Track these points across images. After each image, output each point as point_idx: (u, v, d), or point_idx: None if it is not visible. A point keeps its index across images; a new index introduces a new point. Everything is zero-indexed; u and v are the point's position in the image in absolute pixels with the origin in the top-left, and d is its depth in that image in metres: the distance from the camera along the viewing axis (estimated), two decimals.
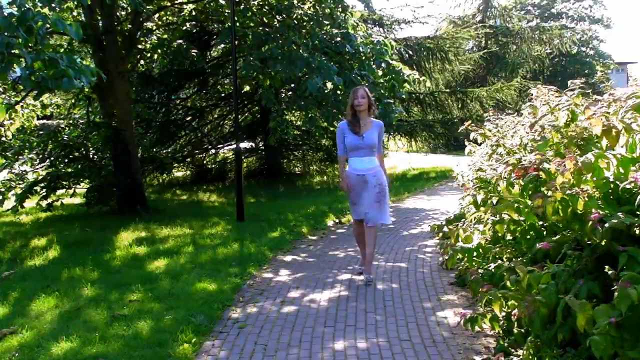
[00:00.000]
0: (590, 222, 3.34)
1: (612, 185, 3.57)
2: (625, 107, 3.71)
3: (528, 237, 4.33)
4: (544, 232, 4.24)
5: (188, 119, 18.92)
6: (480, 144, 7.09)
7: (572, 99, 4.53)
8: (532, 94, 5.44)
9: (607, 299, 3.20)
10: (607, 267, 3.35)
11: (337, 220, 10.05)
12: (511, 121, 6.97)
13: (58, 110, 14.37)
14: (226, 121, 19.77)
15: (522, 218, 4.18)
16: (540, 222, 4.22)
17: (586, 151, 3.78)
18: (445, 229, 7.49)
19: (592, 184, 3.57)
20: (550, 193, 3.58)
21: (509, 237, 4.63)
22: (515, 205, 4.01)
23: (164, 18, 13.89)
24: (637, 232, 3.27)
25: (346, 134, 5.97)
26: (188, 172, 19.74)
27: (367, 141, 5.90)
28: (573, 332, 3.37)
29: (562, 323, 3.37)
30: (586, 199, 3.47)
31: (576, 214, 3.48)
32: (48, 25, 6.56)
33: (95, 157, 12.03)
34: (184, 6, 13.45)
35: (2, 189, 11.30)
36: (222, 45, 16.41)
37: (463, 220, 5.77)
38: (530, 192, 3.92)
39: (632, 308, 2.96)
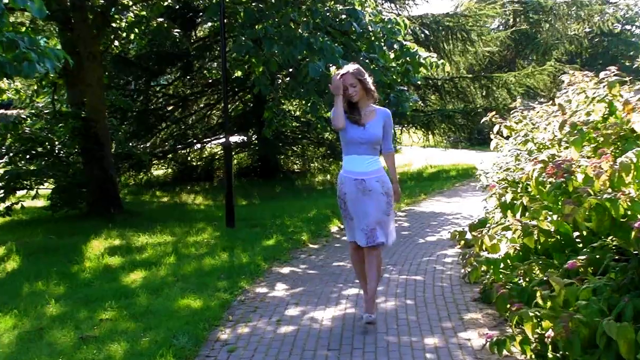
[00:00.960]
0: (635, 230, 3.31)
1: None
2: None
3: (561, 249, 4.32)
4: (580, 245, 4.22)
5: (170, 108, 18.95)
6: (508, 137, 7.07)
7: (609, 90, 4.51)
8: (563, 81, 5.42)
9: None
10: None
11: (342, 226, 10.03)
12: (544, 111, 6.96)
13: (18, 97, 14.34)
14: (214, 111, 19.80)
15: (553, 228, 4.16)
16: (577, 232, 4.20)
17: (625, 150, 3.75)
18: (468, 236, 7.48)
19: (636, 187, 3.54)
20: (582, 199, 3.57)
21: (539, 249, 4.62)
22: (544, 212, 3.99)
23: None
24: None
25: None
26: (170, 170, 19.79)
27: (371, 134, 5.12)
28: (619, 357, 3.33)
29: (605, 347, 3.34)
30: (628, 203, 3.44)
31: (617, 221, 3.46)
32: (6, 1, 6.54)
33: (62, 152, 12.03)
34: None
35: None
36: (209, 24, 16.41)
37: (488, 225, 5.75)
38: (559, 198, 3.91)
39: None
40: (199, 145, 19.70)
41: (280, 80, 13.47)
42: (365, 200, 5.11)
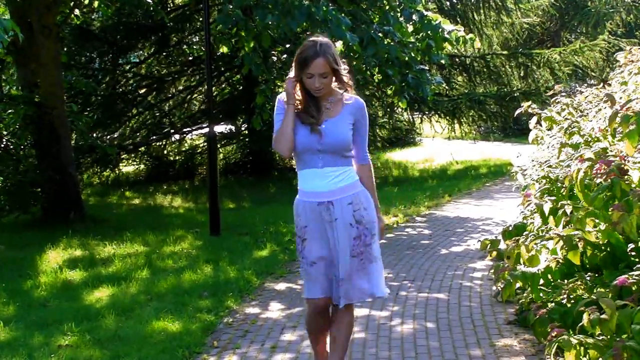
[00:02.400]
0: None
1: None
2: None
3: (613, 264, 4.35)
4: (637, 259, 4.25)
5: (142, 91, 18.98)
6: (550, 129, 7.10)
7: None
8: (618, 61, 5.44)
9: None
10: None
11: None
12: (594, 95, 6.98)
13: None
14: (195, 95, 19.84)
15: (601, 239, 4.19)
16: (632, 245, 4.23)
17: None
18: (502, 245, 7.49)
19: None
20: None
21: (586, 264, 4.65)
22: (591, 220, 4.01)
23: None
24: None
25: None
26: (142, 167, 19.81)
27: (332, 138, 4.11)
28: None
29: None
30: None
31: None
32: None
33: (11, 144, 12.05)
34: None
35: None
36: None
37: (526, 233, 5.78)
38: (609, 203, 3.93)
39: None
40: (177, 137, 19.72)
41: (275, 59, 13.50)
42: (327, 232, 4.17)
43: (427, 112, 21.37)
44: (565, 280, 4.84)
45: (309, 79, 4.04)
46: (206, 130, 14.59)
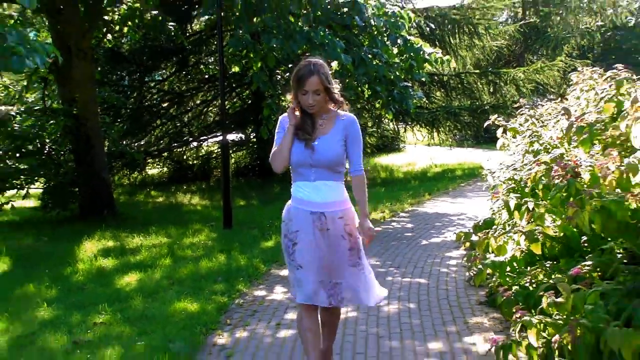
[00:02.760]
0: None
1: None
2: None
3: (569, 254, 4.36)
4: (589, 249, 4.26)
5: (165, 105, 18.97)
6: (515, 136, 7.11)
7: (617, 89, 4.56)
8: (572, 80, 5.46)
9: None
10: None
11: None
12: (553, 108, 6.99)
13: (7, 93, 14.39)
14: (210, 108, 19.82)
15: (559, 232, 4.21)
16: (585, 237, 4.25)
17: (634, 150, 3.80)
18: (474, 237, 7.51)
19: None
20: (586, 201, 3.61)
21: (546, 253, 4.67)
22: (550, 216, 4.03)
23: None
24: None
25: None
26: (165, 170, 19.81)
27: (324, 154, 3.87)
28: None
29: (612, 353, 3.39)
30: (638, 204, 3.48)
31: (626, 223, 3.50)
32: None
33: (53, 151, 12.07)
34: None
35: None
36: (206, 17, 16.41)
37: (494, 227, 5.79)
38: (565, 201, 3.95)
39: None
40: (195, 144, 19.72)
41: (279, 77, 13.51)
42: (319, 242, 3.87)
43: (410, 123, 21.46)
44: (528, 268, 4.86)
45: (303, 96, 3.82)
46: (220, 138, 14.60)
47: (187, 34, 17.52)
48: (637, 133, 3.60)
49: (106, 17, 13.09)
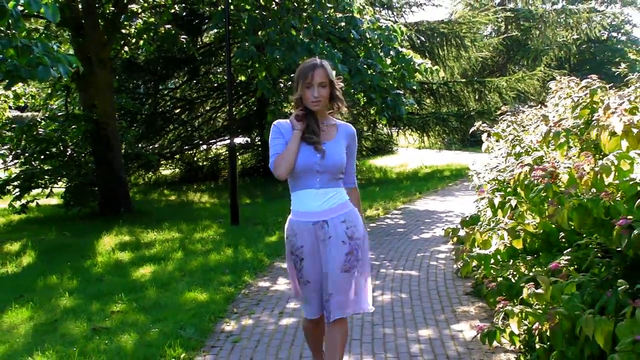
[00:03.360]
0: (617, 229, 3.35)
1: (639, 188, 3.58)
2: None
3: (548, 249, 4.36)
4: (566, 244, 4.26)
5: (177, 111, 18.98)
6: (498, 140, 7.11)
7: (591, 97, 4.57)
8: (550, 88, 5.47)
9: None
10: None
11: None
12: (533, 114, 6.99)
13: (33, 101, 14.40)
14: (219, 114, 19.82)
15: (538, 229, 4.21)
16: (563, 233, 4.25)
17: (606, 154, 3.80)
18: (461, 232, 7.50)
19: (621, 187, 3.58)
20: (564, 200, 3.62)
21: (527, 248, 4.66)
22: (530, 214, 4.03)
23: None
24: None
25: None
26: (177, 170, 19.82)
27: (331, 160, 3.43)
28: (600, 347, 3.38)
29: (587, 338, 3.38)
30: (611, 203, 3.48)
31: (601, 220, 3.50)
32: (21, 7, 6.54)
33: (74, 153, 12.09)
34: None
35: None
36: (215, 30, 16.44)
37: (480, 222, 5.79)
38: (544, 200, 3.95)
39: None
40: (204, 147, 19.74)
41: (282, 85, 13.50)
42: (322, 250, 3.46)
43: (402, 127, 21.51)
44: (511, 261, 4.85)
45: (307, 90, 3.37)
46: (228, 141, 14.59)
47: (198, 46, 17.51)
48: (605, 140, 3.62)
49: (123, 31, 13.08)
